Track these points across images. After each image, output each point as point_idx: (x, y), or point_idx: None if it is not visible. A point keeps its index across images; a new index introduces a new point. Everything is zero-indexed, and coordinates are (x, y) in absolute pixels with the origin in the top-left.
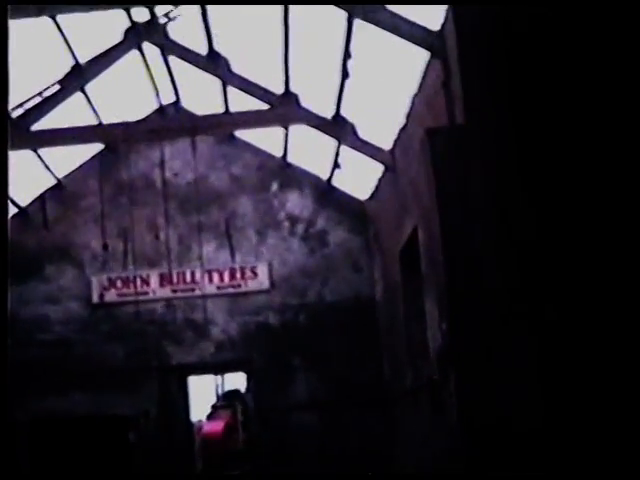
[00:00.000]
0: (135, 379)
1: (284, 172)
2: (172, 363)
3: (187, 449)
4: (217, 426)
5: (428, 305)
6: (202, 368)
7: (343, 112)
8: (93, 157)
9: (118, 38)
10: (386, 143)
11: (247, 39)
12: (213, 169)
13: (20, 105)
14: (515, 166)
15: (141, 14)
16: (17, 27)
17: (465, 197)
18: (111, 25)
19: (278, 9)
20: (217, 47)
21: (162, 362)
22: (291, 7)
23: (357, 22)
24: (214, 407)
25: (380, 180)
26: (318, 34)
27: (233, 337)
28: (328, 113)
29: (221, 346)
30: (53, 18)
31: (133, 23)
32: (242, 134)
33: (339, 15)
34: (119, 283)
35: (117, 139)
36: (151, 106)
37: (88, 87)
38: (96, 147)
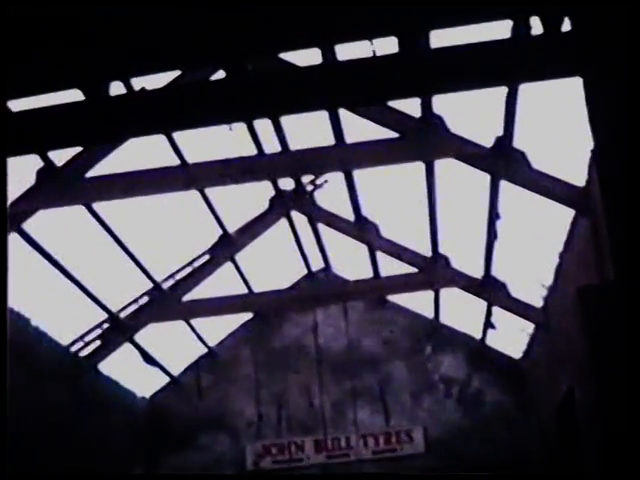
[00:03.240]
0: None
1: (437, 334)
2: None
3: None
4: None
5: (588, 466)
6: None
7: (493, 272)
8: (244, 324)
9: (264, 206)
10: (537, 301)
11: (394, 203)
12: (365, 333)
13: (171, 276)
14: None
15: (287, 182)
16: (166, 199)
17: (622, 357)
18: (257, 194)
19: (422, 173)
20: (365, 212)
21: None
22: (436, 170)
23: (502, 183)
24: None
25: (532, 338)
26: (463, 196)
27: None
28: (478, 273)
29: None
30: (201, 191)
31: (279, 191)
32: (393, 297)
33: (483, 176)
34: (274, 450)
35: (268, 307)
36: (300, 272)
37: (237, 256)
38: (247, 315)
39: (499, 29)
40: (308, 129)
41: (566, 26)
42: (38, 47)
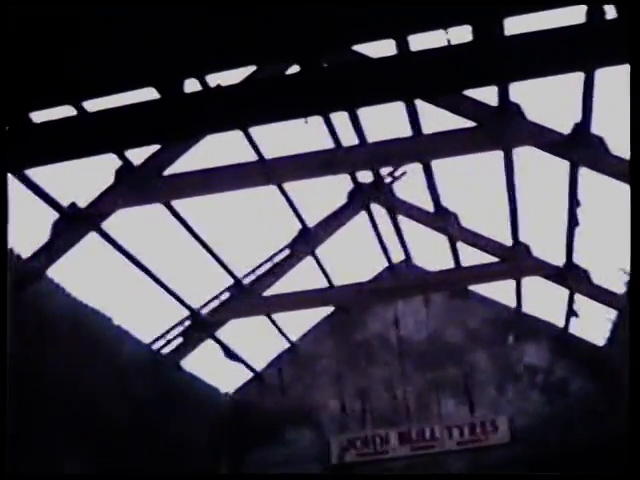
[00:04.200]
0: None
1: (519, 323)
2: None
3: None
4: None
5: None
6: None
7: (575, 259)
8: (326, 318)
9: (343, 200)
10: (619, 287)
11: (473, 192)
12: (447, 324)
13: (252, 271)
14: None
15: (365, 175)
16: (245, 195)
17: None
18: (336, 187)
19: (500, 161)
20: (444, 202)
21: None
22: (514, 158)
23: (581, 169)
24: None
25: (615, 324)
26: (542, 183)
27: None
28: (559, 261)
29: None
30: (279, 186)
31: (358, 184)
32: (475, 287)
33: (562, 163)
34: (358, 443)
35: (349, 300)
36: (381, 265)
37: (317, 250)
38: (328, 308)
39: (573, 14)
40: (385, 121)
41: None
42: (113, 47)
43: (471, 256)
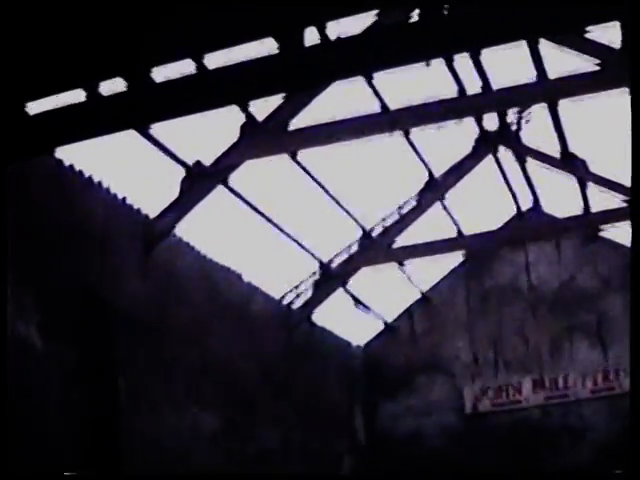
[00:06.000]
0: None
1: None
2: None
3: None
4: None
5: None
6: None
7: None
8: (456, 268)
9: (469, 147)
10: None
11: (601, 137)
12: (580, 270)
13: (381, 222)
14: None
15: (491, 124)
16: (371, 146)
17: None
18: (462, 135)
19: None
20: (572, 148)
21: (537, 469)
22: None
23: None
24: None
25: None
26: None
27: (612, 442)
28: None
29: (601, 452)
30: (406, 136)
31: (484, 131)
32: (606, 232)
33: None
34: (491, 392)
35: (479, 248)
36: (510, 212)
37: (446, 199)
38: (458, 258)
39: None
40: (509, 66)
41: None
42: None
43: (600, 201)
